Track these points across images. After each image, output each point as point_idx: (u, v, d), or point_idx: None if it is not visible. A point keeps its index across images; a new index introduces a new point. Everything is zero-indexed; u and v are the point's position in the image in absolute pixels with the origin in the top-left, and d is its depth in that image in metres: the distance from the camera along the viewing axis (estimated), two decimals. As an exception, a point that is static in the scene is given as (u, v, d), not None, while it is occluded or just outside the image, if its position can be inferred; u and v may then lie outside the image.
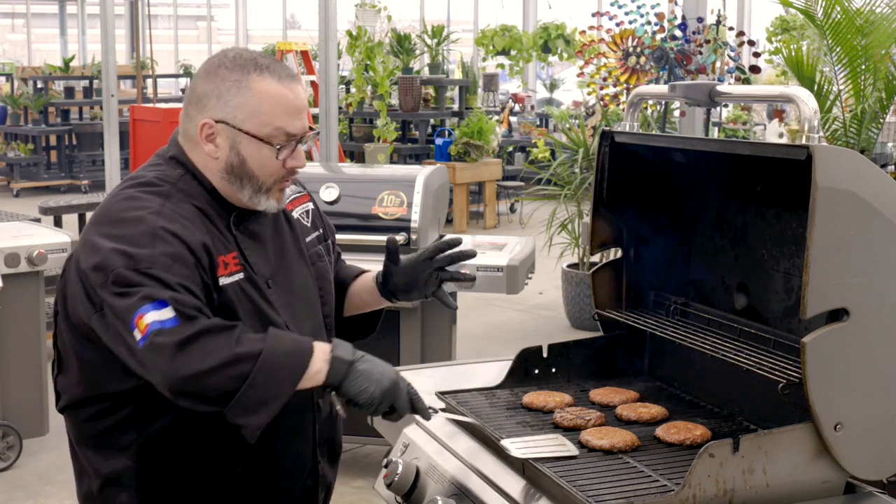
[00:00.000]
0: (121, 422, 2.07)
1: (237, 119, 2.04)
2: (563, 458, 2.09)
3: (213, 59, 2.10)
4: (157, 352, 1.87)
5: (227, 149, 2.06)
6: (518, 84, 18.05)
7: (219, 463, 2.11)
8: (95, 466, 2.13)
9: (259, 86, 2.03)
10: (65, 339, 2.10)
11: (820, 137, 2.06)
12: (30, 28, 26.35)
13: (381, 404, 2.00)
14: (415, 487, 2.27)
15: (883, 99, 6.70)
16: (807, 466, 1.99)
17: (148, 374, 1.91)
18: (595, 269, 2.68)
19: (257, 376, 1.89)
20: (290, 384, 1.94)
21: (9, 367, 5.06)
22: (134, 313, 1.89)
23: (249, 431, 1.93)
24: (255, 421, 1.91)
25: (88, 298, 1.97)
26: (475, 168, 11.88)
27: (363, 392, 1.98)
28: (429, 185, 4.89)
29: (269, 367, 1.90)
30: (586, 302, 7.41)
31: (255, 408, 1.90)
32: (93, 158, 14.77)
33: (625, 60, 7.76)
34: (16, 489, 4.86)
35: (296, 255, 2.23)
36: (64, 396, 2.16)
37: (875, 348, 1.98)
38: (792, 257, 2.30)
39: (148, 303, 1.88)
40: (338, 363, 1.97)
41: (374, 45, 11.47)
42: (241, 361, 1.89)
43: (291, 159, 2.08)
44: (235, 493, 2.15)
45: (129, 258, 1.93)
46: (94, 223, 2.05)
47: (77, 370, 2.10)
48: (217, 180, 2.09)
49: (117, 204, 2.05)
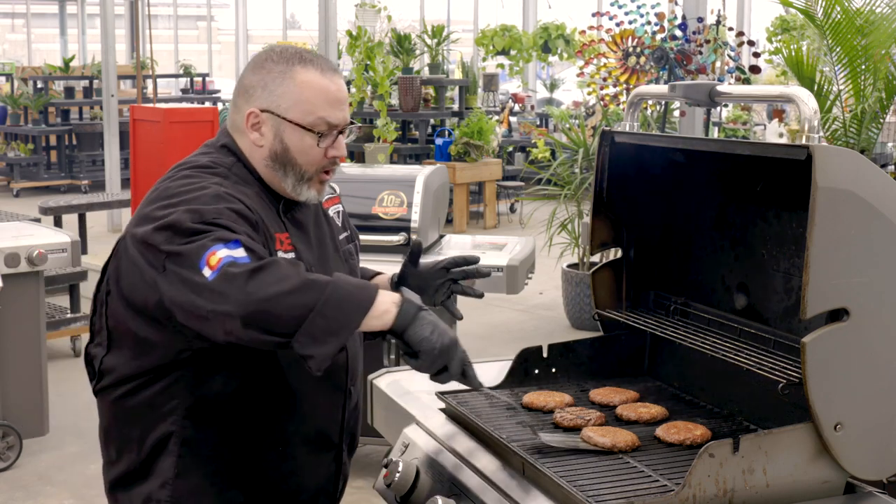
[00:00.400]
0: (166, 388, 2.11)
1: (281, 108, 2.13)
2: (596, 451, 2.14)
3: (261, 54, 2.21)
4: (229, 279, 1.89)
5: (271, 137, 2.15)
6: (518, 84, 18.06)
7: (258, 429, 2.16)
8: (141, 437, 2.15)
9: (302, 77, 2.13)
10: (119, 317, 2.13)
11: (820, 137, 2.06)
12: (30, 28, 26.35)
13: (439, 358, 2.00)
14: (415, 487, 2.27)
15: (883, 99, 6.70)
16: (807, 466, 1.99)
17: (217, 303, 1.90)
18: (595, 269, 2.68)
19: (326, 304, 1.90)
20: (358, 316, 1.94)
21: (9, 367, 5.06)
22: (205, 252, 1.92)
23: (316, 363, 1.92)
24: (323, 350, 1.91)
25: (149, 264, 2.00)
26: (475, 168, 11.89)
27: (426, 340, 1.98)
28: (429, 185, 4.89)
29: (338, 296, 1.92)
30: (586, 302, 7.41)
31: (323, 337, 1.90)
32: (93, 158, 14.78)
33: (625, 60, 7.76)
34: (16, 489, 4.87)
35: (333, 249, 2.32)
36: (111, 375, 2.17)
37: (875, 348, 1.98)
38: (792, 257, 2.30)
39: (220, 242, 1.93)
40: (408, 306, 1.99)
41: (374, 45, 11.47)
42: (310, 288, 1.90)
43: (333, 149, 2.16)
44: (269, 465, 2.19)
45: (195, 213, 1.98)
46: (151, 201, 2.10)
47: (132, 347, 2.12)
48: (263, 168, 2.17)
49: (174, 182, 2.11)
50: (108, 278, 2.17)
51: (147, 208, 2.09)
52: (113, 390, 2.18)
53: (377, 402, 2.76)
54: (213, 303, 1.91)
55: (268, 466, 2.20)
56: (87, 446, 5.34)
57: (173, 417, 2.12)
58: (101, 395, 2.22)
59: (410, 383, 2.74)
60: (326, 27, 10.14)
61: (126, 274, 2.10)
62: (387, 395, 2.69)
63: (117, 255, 2.15)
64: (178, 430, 2.12)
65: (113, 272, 2.15)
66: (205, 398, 2.12)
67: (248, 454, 2.18)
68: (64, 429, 5.54)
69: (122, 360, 2.15)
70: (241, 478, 2.18)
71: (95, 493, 4.81)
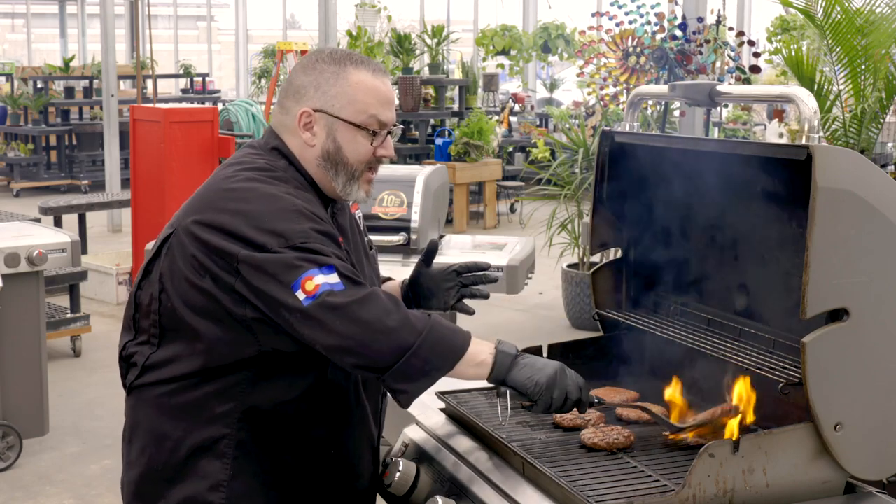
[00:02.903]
0: (223, 390, 2.10)
1: (335, 108, 2.16)
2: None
3: (311, 56, 2.24)
4: (329, 310, 1.94)
5: (323, 136, 2.17)
6: (518, 84, 18.05)
7: (313, 439, 2.17)
8: (182, 436, 2.12)
9: (355, 77, 2.17)
10: (176, 316, 2.10)
11: (820, 137, 2.07)
12: (30, 28, 26.35)
13: (549, 393, 2.07)
14: (415, 487, 2.27)
15: (883, 99, 6.70)
16: (807, 466, 1.99)
17: (317, 332, 1.96)
18: (595, 269, 2.68)
19: (422, 346, 1.97)
20: (452, 360, 2.02)
21: (9, 367, 5.06)
22: (300, 277, 1.96)
23: (406, 398, 2.01)
24: (415, 387, 2.00)
25: (226, 270, 2.01)
26: (475, 168, 11.88)
27: (529, 380, 2.06)
28: (429, 185, 4.89)
29: (434, 339, 1.99)
30: (586, 302, 7.41)
31: (417, 377, 1.99)
32: (93, 158, 14.77)
33: (625, 60, 7.76)
34: (16, 489, 4.86)
35: (363, 253, 2.35)
36: (159, 370, 2.13)
37: (875, 348, 1.98)
38: (792, 257, 2.30)
39: (315, 266, 1.97)
40: (503, 356, 2.07)
41: (374, 45, 11.48)
42: (408, 328, 1.98)
43: (382, 148, 2.21)
44: (322, 468, 2.20)
45: (280, 236, 2.00)
46: (216, 202, 2.08)
47: (192, 345, 2.10)
48: (314, 168, 2.19)
49: (238, 185, 2.10)
50: (160, 277, 2.13)
51: (208, 212, 2.07)
52: (157, 387, 2.14)
53: (377, 402, 2.76)
54: (311, 330, 1.97)
55: (321, 469, 2.20)
56: (87, 446, 5.35)
57: (228, 420, 2.10)
58: (140, 391, 2.17)
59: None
60: (326, 27, 10.14)
61: (186, 275, 2.07)
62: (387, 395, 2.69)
63: (170, 252, 2.11)
64: (232, 434, 2.10)
65: (167, 271, 2.11)
66: (263, 402, 2.10)
67: (303, 458, 2.17)
68: (64, 429, 5.54)
69: (176, 356, 2.11)
70: (294, 480, 2.17)
71: (95, 493, 4.81)
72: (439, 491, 2.19)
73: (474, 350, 2.05)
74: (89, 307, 7.68)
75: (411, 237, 4.72)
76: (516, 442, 2.19)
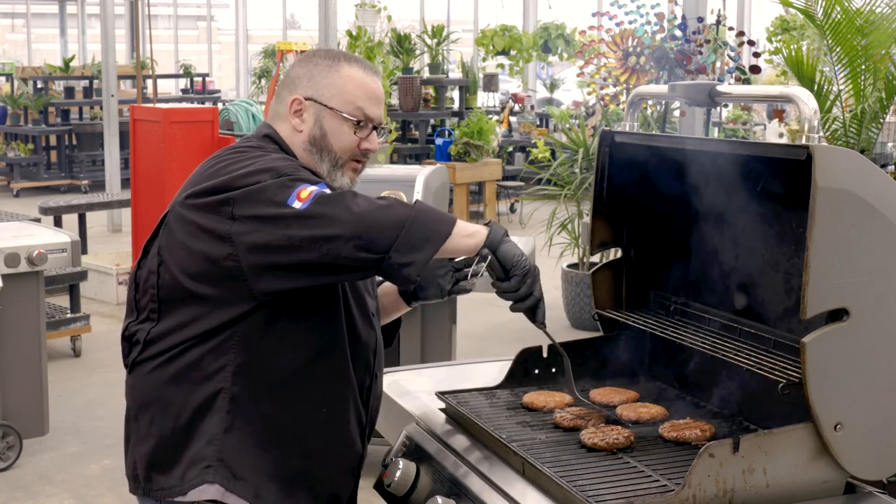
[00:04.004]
0: (214, 348, 2.15)
1: (324, 97, 2.28)
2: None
3: (308, 52, 2.40)
4: (326, 201, 2.04)
5: (311, 122, 2.29)
6: (518, 84, 18.04)
7: (308, 389, 2.20)
8: (184, 400, 2.16)
9: (347, 72, 2.30)
10: (174, 286, 2.16)
11: (820, 137, 2.06)
12: (30, 28, 26.35)
13: (528, 277, 2.18)
14: (415, 487, 2.27)
15: (883, 99, 6.69)
16: (807, 466, 1.99)
17: (316, 226, 2.02)
18: (595, 269, 2.68)
19: (418, 215, 2.06)
20: (447, 227, 2.10)
21: (9, 367, 5.06)
22: (293, 191, 2.05)
23: (415, 268, 2.06)
24: (421, 256, 2.05)
25: (217, 218, 2.09)
26: (475, 168, 11.88)
27: (518, 257, 2.16)
28: (429, 185, 4.89)
29: (427, 210, 2.09)
30: (586, 302, 7.41)
31: (421, 245, 2.05)
32: (93, 158, 14.77)
33: (625, 60, 7.76)
34: (16, 489, 4.87)
35: None
36: (158, 343, 2.19)
37: (875, 348, 1.98)
38: (792, 257, 2.30)
39: (307, 182, 2.08)
40: (497, 227, 2.17)
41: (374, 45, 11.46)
42: (400, 205, 2.08)
43: (366, 142, 2.31)
44: (314, 427, 2.22)
45: (271, 171, 2.10)
46: (207, 170, 2.19)
47: (190, 313, 2.15)
48: (301, 153, 2.29)
49: (227, 155, 2.22)
50: (157, 252, 2.21)
51: (201, 180, 2.17)
52: (154, 359, 2.19)
53: (377, 402, 2.76)
54: (309, 228, 2.03)
55: (313, 428, 2.22)
56: (87, 446, 5.35)
57: (222, 375, 2.14)
58: (140, 367, 2.22)
59: (410, 383, 2.74)
60: (326, 27, 10.14)
61: (182, 242, 2.15)
62: (387, 395, 2.69)
63: (167, 227, 2.20)
64: (227, 387, 2.15)
65: (165, 244, 2.20)
66: (255, 356, 2.15)
67: (295, 414, 2.20)
68: (64, 429, 5.54)
69: (178, 325, 2.17)
70: (285, 438, 2.20)
71: (96, 494, 4.81)
72: (439, 491, 2.19)
73: (463, 223, 2.13)
74: (89, 307, 7.68)
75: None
76: (516, 442, 2.19)
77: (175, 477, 2.15)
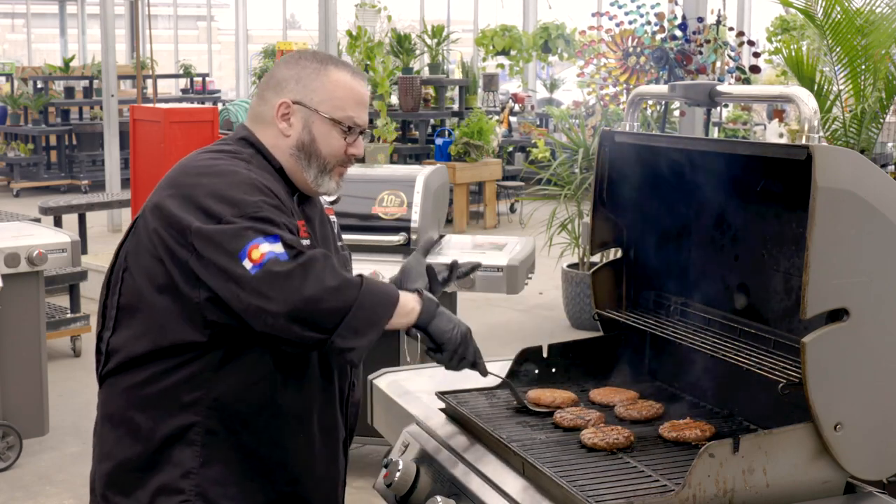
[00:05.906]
0: (188, 378, 2.13)
1: (314, 101, 2.25)
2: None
3: (294, 53, 2.35)
4: (274, 279, 2.00)
5: (299, 127, 2.25)
6: (518, 84, 18.04)
7: (283, 418, 2.20)
8: (153, 427, 2.15)
9: (336, 76, 2.27)
10: (135, 293, 2.16)
11: (820, 137, 2.06)
12: (30, 28, 26.34)
13: (460, 347, 2.21)
14: (415, 487, 2.27)
15: (883, 99, 6.69)
16: (807, 466, 1.99)
17: (263, 300, 2.01)
18: (595, 269, 2.68)
19: (363, 299, 2.05)
20: (389, 309, 2.11)
21: (9, 367, 5.06)
22: (246, 245, 2.02)
23: (357, 354, 2.07)
24: (363, 342, 2.06)
25: (180, 244, 2.08)
26: (475, 168, 11.88)
27: (448, 331, 2.19)
28: (429, 185, 4.89)
29: (372, 292, 2.09)
30: (586, 302, 7.41)
31: (364, 330, 2.06)
32: (93, 158, 14.76)
33: (625, 60, 7.76)
34: (16, 489, 4.87)
35: (333, 250, 2.39)
36: (119, 354, 2.18)
37: (875, 348, 1.98)
38: (792, 257, 2.30)
39: (261, 235, 2.03)
40: (429, 303, 2.18)
41: (374, 45, 11.46)
42: (348, 286, 2.06)
43: (353, 147, 2.29)
44: (291, 453, 2.23)
45: (234, 206, 2.07)
46: (178, 178, 2.17)
47: (146, 324, 2.15)
48: (286, 158, 2.26)
49: (201, 163, 2.20)
50: (126, 256, 2.20)
51: (174, 185, 2.15)
52: (124, 376, 2.18)
53: (377, 402, 2.76)
54: (257, 299, 2.01)
55: (291, 455, 2.22)
56: (87, 446, 5.33)
57: (196, 408, 2.13)
58: (109, 382, 2.21)
59: (410, 383, 2.74)
60: (326, 27, 10.14)
61: (148, 249, 2.14)
62: (387, 395, 2.69)
63: (136, 231, 2.19)
64: (201, 421, 2.14)
65: (132, 249, 2.18)
66: (229, 390, 2.14)
67: (273, 443, 2.20)
68: (64, 429, 5.54)
69: (131, 336, 2.16)
70: (269, 466, 2.20)
71: (95, 493, 4.81)
72: (439, 491, 2.19)
73: (404, 299, 2.14)
74: (89, 307, 7.67)
75: (411, 237, 4.71)
76: (516, 442, 2.19)
77: (138, 500, 2.15)
